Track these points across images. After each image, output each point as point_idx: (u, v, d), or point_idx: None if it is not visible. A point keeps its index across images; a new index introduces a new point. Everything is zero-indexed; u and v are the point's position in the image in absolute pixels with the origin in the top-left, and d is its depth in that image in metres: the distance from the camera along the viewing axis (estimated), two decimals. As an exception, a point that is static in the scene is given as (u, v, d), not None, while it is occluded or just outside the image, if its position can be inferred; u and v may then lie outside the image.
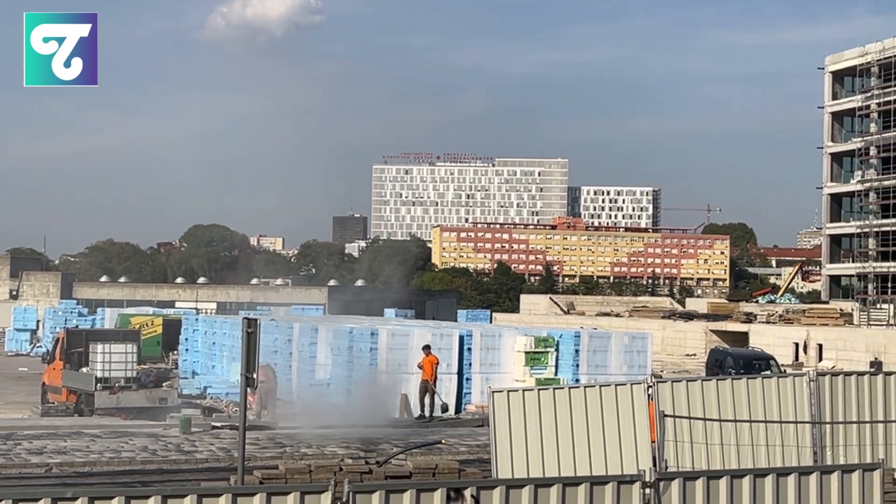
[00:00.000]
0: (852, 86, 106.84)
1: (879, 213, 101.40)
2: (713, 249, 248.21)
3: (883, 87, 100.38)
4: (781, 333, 68.25)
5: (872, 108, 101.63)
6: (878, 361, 54.80)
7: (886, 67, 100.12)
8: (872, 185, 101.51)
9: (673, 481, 12.45)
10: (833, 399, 19.11)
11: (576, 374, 35.62)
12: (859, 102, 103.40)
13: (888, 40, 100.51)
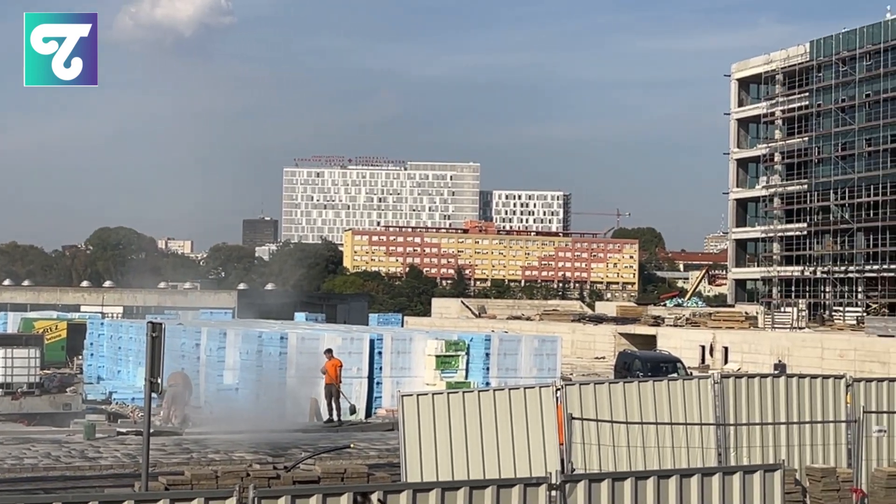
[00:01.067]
0: (758, 93, 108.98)
1: (783, 218, 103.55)
2: (622, 253, 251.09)
3: (787, 94, 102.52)
4: (688, 336, 69.20)
5: (777, 115, 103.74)
6: (781, 364, 55.88)
7: (791, 75, 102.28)
8: (777, 191, 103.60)
9: (578, 483, 12.53)
10: (737, 401, 19.40)
11: (486, 377, 35.72)
12: (764, 109, 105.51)
13: (792, 49, 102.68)
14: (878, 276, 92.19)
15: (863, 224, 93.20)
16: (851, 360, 55.33)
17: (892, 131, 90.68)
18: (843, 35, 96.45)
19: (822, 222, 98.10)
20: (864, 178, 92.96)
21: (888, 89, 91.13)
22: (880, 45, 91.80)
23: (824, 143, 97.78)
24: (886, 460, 19.68)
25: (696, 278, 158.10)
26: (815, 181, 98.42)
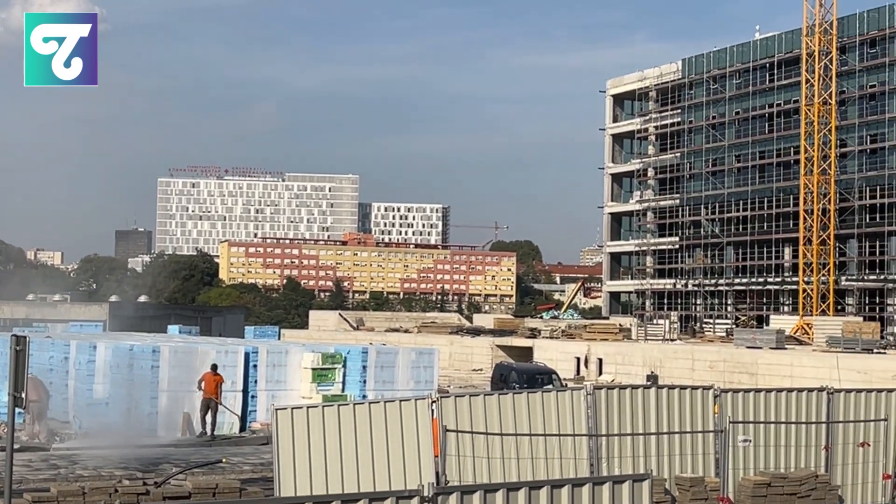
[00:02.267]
0: (632, 109, 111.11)
1: (656, 232, 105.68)
2: (500, 266, 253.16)
3: (660, 111, 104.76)
4: (564, 348, 69.90)
5: (650, 130, 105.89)
6: (654, 375, 56.84)
7: (664, 92, 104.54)
8: (650, 205, 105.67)
9: (451, 495, 12.52)
10: (609, 412, 19.64)
11: (363, 390, 35.56)
12: (638, 125, 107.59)
13: (665, 66, 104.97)
14: (747, 289, 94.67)
15: (732, 238, 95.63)
16: (721, 371, 56.55)
17: (761, 148, 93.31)
18: (714, 54, 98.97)
19: (694, 236, 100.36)
20: (734, 193, 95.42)
21: (756, 107, 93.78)
22: (749, 64, 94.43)
23: (696, 158, 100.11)
24: (753, 469, 20.13)
25: (572, 291, 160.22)
26: (686, 196, 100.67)
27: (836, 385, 25.86)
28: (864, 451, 20.94)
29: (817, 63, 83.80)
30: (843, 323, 70.55)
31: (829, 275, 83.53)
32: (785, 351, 60.88)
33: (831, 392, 21.00)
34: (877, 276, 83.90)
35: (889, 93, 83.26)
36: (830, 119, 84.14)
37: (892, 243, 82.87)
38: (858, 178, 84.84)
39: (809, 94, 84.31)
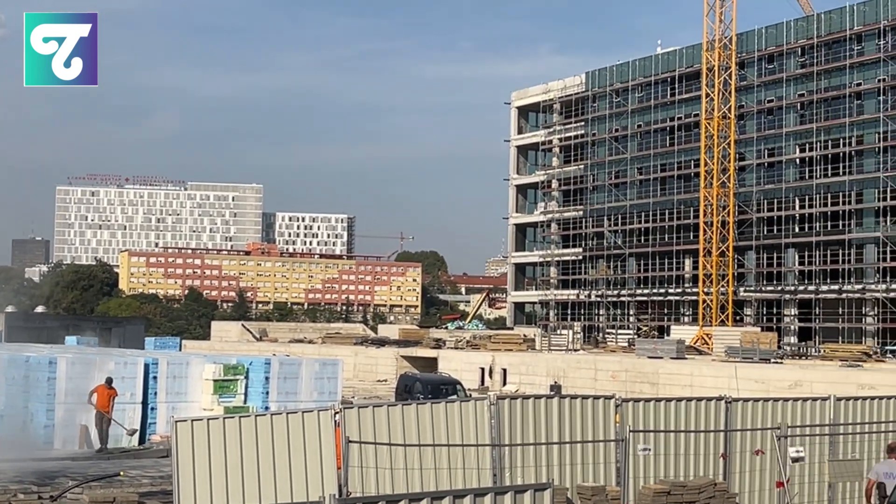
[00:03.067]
0: (536, 121, 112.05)
1: (560, 243, 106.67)
2: (406, 276, 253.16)
3: (564, 123, 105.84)
4: (469, 359, 70.12)
5: (555, 142, 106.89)
6: (557, 385, 57.29)
7: (567, 105, 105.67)
8: (554, 217, 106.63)
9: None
10: (512, 422, 19.68)
11: (266, 401, 35.20)
12: (542, 137, 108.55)
13: (569, 79, 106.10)
14: (648, 299, 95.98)
15: (634, 250, 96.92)
16: (623, 381, 57.22)
17: (662, 161, 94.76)
18: (617, 67, 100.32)
19: (597, 247, 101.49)
20: (636, 205, 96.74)
21: (658, 120, 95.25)
22: (651, 78, 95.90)
23: (599, 170, 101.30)
24: (653, 477, 20.34)
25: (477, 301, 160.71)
26: (590, 208, 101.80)
27: (734, 394, 26.32)
28: (760, 459, 21.32)
29: (717, 78, 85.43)
30: (741, 333, 71.93)
31: (728, 286, 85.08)
32: (685, 361, 61.84)
33: (729, 401, 21.32)
34: (774, 288, 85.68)
35: (786, 108, 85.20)
36: (729, 133, 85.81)
37: (789, 255, 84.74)
38: (756, 191, 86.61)
39: (709, 108, 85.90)
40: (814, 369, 54.56)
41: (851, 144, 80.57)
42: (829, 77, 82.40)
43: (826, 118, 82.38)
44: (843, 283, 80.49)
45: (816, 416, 22.08)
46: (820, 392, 37.34)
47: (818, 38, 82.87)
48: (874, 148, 78.93)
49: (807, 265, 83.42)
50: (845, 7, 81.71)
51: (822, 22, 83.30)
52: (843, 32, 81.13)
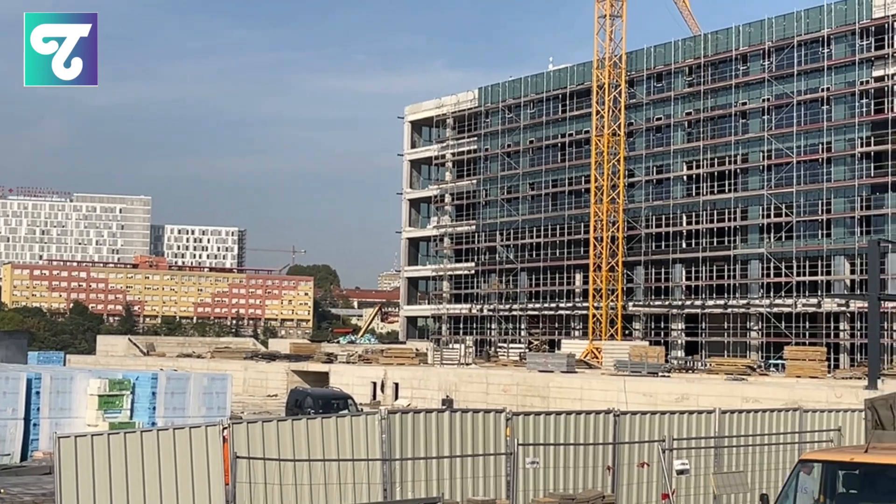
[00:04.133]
0: (430, 135, 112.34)
1: (453, 257, 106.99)
2: (297, 290, 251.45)
3: (457, 138, 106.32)
4: (361, 373, 69.89)
5: (448, 157, 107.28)
6: (449, 399, 57.37)
7: (461, 120, 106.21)
8: (447, 231, 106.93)
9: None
10: (403, 436, 19.66)
11: (153, 417, 34.66)
12: (436, 152, 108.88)
13: (462, 94, 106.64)
14: (540, 314, 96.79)
15: (526, 264, 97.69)
16: (514, 394, 57.56)
17: (554, 176, 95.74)
18: (510, 83, 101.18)
19: (489, 262, 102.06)
20: (528, 220, 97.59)
21: (550, 136, 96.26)
22: (543, 95, 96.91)
23: (491, 185, 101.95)
24: (543, 490, 20.47)
25: (370, 315, 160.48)
26: (482, 222, 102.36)
27: (623, 407, 26.65)
28: (647, 472, 21.60)
29: (607, 95, 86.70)
30: (630, 347, 72.93)
31: (618, 300, 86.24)
32: (575, 374, 62.50)
33: (617, 414, 21.59)
34: (662, 302, 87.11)
35: (674, 125, 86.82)
36: (619, 150, 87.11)
37: (676, 270, 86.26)
38: (645, 208, 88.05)
39: (600, 125, 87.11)
40: (700, 383, 55.56)
41: (737, 162, 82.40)
42: (716, 96, 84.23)
43: (712, 136, 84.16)
44: (728, 298, 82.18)
45: (702, 428, 22.48)
46: (706, 405, 38.00)
47: (705, 57, 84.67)
48: (759, 166, 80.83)
49: (693, 280, 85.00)
50: (731, 28, 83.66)
51: (709, 42, 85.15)
52: (729, 53, 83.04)
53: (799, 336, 76.17)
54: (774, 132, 79.34)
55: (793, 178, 78.15)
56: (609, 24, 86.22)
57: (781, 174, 79.15)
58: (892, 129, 73.00)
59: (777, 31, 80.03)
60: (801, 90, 78.25)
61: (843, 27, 76.07)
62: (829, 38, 76.95)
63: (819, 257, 76.80)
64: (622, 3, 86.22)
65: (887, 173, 73.06)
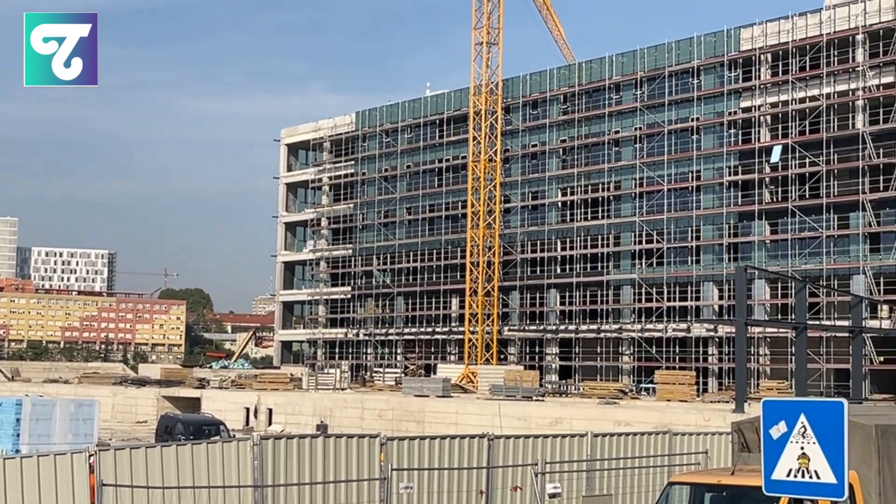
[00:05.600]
0: (306, 159, 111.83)
1: (329, 281, 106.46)
2: (169, 314, 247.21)
3: (334, 161, 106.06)
4: (234, 398, 68.98)
5: (325, 181, 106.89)
6: (324, 424, 56.97)
7: (338, 143, 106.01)
8: (323, 255, 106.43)
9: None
10: (275, 462, 19.37)
11: (17, 444, 33.64)
12: (312, 175, 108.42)
13: (339, 118, 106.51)
14: (416, 338, 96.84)
15: (402, 289, 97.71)
16: (390, 419, 57.41)
17: (431, 201, 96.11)
18: (387, 108, 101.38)
19: (366, 286, 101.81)
20: (404, 244, 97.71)
21: (427, 161, 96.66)
22: (420, 120, 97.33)
23: (368, 210, 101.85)
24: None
25: (244, 340, 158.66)
26: (359, 246, 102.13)
27: (497, 431, 26.72)
28: (520, 495, 21.68)
29: (484, 121, 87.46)
30: (505, 371, 73.43)
31: (493, 325, 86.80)
32: (451, 399, 62.64)
33: (491, 438, 21.64)
34: (536, 327, 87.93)
35: (549, 152, 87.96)
36: (495, 175, 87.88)
37: (551, 295, 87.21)
38: (521, 233, 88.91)
39: (476, 150, 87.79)
40: (573, 406, 56.18)
41: (610, 189, 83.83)
42: (590, 124, 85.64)
43: (586, 163, 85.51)
44: (601, 322, 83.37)
45: (574, 452, 22.67)
46: (579, 428, 38.40)
47: (579, 86, 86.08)
48: (631, 193, 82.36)
49: (567, 305, 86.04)
50: (605, 57, 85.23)
51: (583, 71, 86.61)
52: (602, 82, 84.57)
53: (669, 360, 77.64)
54: (646, 160, 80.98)
55: (664, 205, 79.82)
56: (486, 51, 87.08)
57: (653, 201, 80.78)
58: (759, 159, 75.16)
59: (649, 61, 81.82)
60: (671, 119, 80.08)
61: (713, 59, 78.14)
62: (699, 70, 78.97)
63: (689, 283, 78.48)
64: (498, 31, 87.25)
65: (754, 202, 75.15)
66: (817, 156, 72.03)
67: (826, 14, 72.82)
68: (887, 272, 69.12)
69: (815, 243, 71.95)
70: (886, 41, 69.88)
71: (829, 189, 71.80)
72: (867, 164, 69.91)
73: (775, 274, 69.77)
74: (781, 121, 75.00)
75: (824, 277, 71.10)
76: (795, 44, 73.54)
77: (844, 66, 71.62)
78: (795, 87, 73.70)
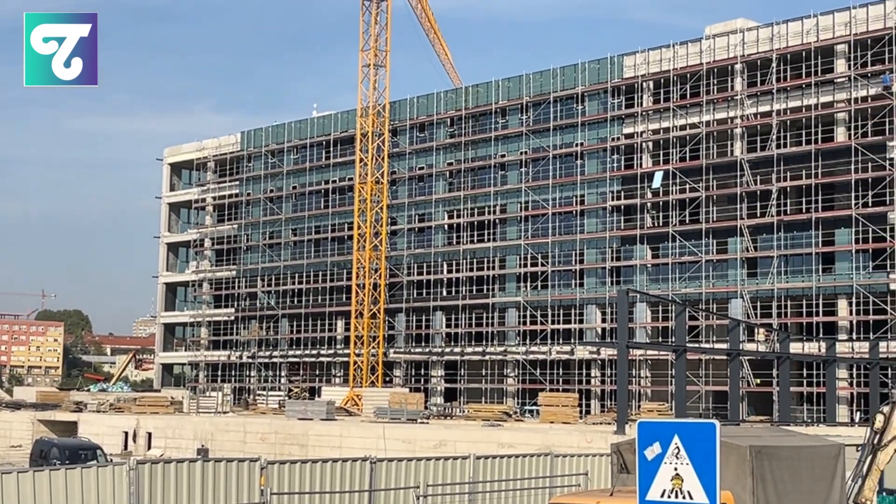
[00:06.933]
0: (190, 179, 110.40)
1: (212, 303, 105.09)
2: (46, 336, 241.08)
3: (218, 181, 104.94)
4: (112, 422, 67.54)
5: (208, 201, 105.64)
6: (204, 448, 56.03)
7: (222, 163, 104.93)
8: (206, 276, 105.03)
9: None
10: (152, 486, 18.98)
11: None
12: (196, 195, 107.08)
13: (224, 137, 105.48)
14: (301, 360, 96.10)
15: (287, 311, 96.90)
16: (272, 443, 56.73)
17: (317, 223, 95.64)
18: (273, 128, 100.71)
19: (250, 308, 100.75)
20: (290, 266, 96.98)
21: (313, 182, 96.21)
22: (307, 141, 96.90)
23: (253, 230, 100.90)
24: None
25: (123, 363, 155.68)
26: (243, 268, 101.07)
27: (382, 454, 26.61)
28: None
29: (371, 143, 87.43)
30: (390, 394, 73.19)
31: (379, 347, 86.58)
32: (335, 422, 62.19)
33: (374, 461, 21.54)
34: (422, 349, 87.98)
35: (436, 175, 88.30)
36: (382, 197, 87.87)
37: (437, 318, 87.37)
38: (407, 255, 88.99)
39: (363, 172, 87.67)
40: (457, 429, 56.22)
41: (496, 212, 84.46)
42: (476, 148, 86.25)
43: (473, 187, 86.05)
44: (486, 345, 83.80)
45: (457, 474, 22.68)
46: (463, 451, 38.42)
47: (466, 110, 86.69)
48: (516, 217, 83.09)
49: (453, 328, 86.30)
50: (491, 82, 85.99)
51: (470, 95, 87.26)
52: (489, 106, 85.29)
53: (553, 382, 78.35)
54: (531, 184, 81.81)
55: (548, 229, 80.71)
56: (373, 73, 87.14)
57: (538, 225, 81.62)
58: (641, 184, 76.51)
59: (535, 86, 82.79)
60: (556, 144, 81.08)
61: (596, 85, 79.41)
62: (584, 96, 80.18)
63: (572, 306, 79.39)
64: (386, 54, 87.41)
65: (636, 226, 76.44)
66: (697, 182, 73.62)
67: (706, 43, 74.61)
68: (763, 296, 70.86)
69: (694, 267, 73.44)
70: (764, 71, 71.86)
71: (708, 214, 73.41)
72: (744, 191, 71.70)
73: (656, 297, 70.99)
74: (663, 147, 76.56)
75: (703, 301, 72.58)
76: (676, 72, 75.19)
77: (723, 95, 73.46)
78: (676, 115, 75.30)
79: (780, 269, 70.34)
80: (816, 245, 68.85)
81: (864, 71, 67.59)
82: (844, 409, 65.70)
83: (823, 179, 68.65)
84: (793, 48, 70.53)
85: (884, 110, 66.46)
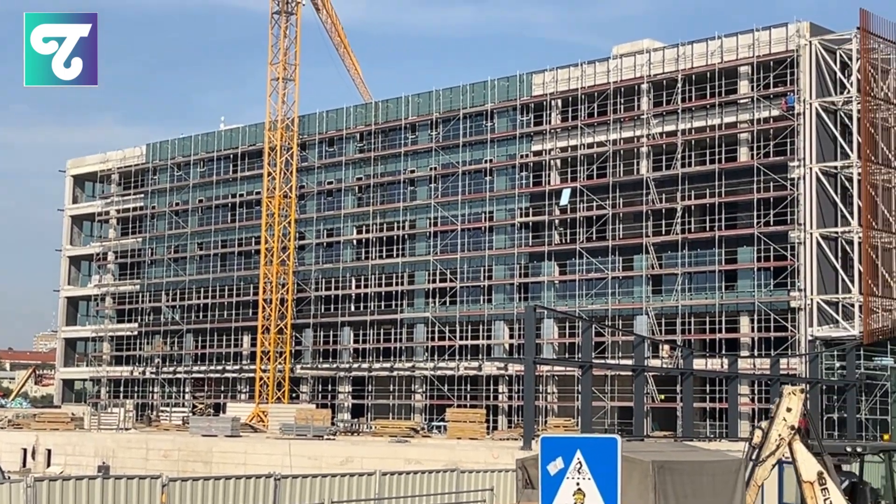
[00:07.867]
0: (93, 191, 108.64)
1: (115, 317, 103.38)
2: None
3: (123, 194, 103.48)
4: (10, 439, 66.13)
5: (112, 214, 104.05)
6: (105, 465, 55.11)
7: (127, 176, 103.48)
8: (109, 290, 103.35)
9: None
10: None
11: None
12: (99, 208, 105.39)
13: (129, 150, 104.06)
14: (206, 376, 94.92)
15: (192, 326, 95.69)
16: (176, 460, 55.95)
17: (223, 237, 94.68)
18: (179, 141, 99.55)
19: (153, 323, 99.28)
20: (195, 280, 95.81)
21: (220, 196, 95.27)
22: (214, 154, 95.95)
23: (157, 244, 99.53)
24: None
25: (22, 378, 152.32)
26: (147, 282, 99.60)
27: (287, 471, 26.36)
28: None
29: (279, 157, 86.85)
30: (296, 410, 72.69)
31: (286, 363, 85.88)
32: (240, 438, 61.55)
33: (278, 478, 21.33)
34: (329, 365, 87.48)
35: (344, 190, 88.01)
36: (290, 212, 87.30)
37: (345, 333, 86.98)
38: (315, 270, 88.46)
39: (271, 186, 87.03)
40: (364, 445, 56.03)
41: (405, 228, 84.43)
42: (386, 163, 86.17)
43: (382, 202, 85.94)
44: (394, 361, 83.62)
45: (363, 490, 22.56)
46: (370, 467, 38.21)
47: (376, 125, 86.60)
48: (425, 232, 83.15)
49: (361, 343, 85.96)
50: (401, 97, 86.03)
51: (380, 110, 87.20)
52: (398, 121, 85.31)
53: (461, 398, 78.43)
54: (441, 200, 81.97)
55: (457, 244, 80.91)
56: (282, 86, 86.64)
57: (447, 241, 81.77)
58: (549, 201, 77.13)
59: (444, 102, 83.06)
60: (465, 161, 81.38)
61: (506, 102, 79.93)
62: (493, 113, 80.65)
63: (480, 322, 79.63)
64: (295, 68, 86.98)
65: (544, 243, 76.99)
66: (604, 199, 74.44)
67: (613, 63, 75.57)
68: (668, 313, 71.82)
69: (601, 284, 74.17)
70: (669, 91, 73.01)
71: (614, 232, 74.25)
72: (650, 209, 72.67)
73: (563, 314, 71.52)
74: (570, 165, 77.30)
75: (609, 317, 73.30)
76: (584, 91, 76.01)
77: (630, 114, 74.44)
78: (584, 133, 76.11)
79: (684, 286, 71.39)
80: (720, 263, 70.00)
81: (767, 92, 68.98)
82: (746, 424, 66.65)
83: (727, 198, 69.86)
84: (697, 69, 71.75)
85: (785, 131, 67.91)
